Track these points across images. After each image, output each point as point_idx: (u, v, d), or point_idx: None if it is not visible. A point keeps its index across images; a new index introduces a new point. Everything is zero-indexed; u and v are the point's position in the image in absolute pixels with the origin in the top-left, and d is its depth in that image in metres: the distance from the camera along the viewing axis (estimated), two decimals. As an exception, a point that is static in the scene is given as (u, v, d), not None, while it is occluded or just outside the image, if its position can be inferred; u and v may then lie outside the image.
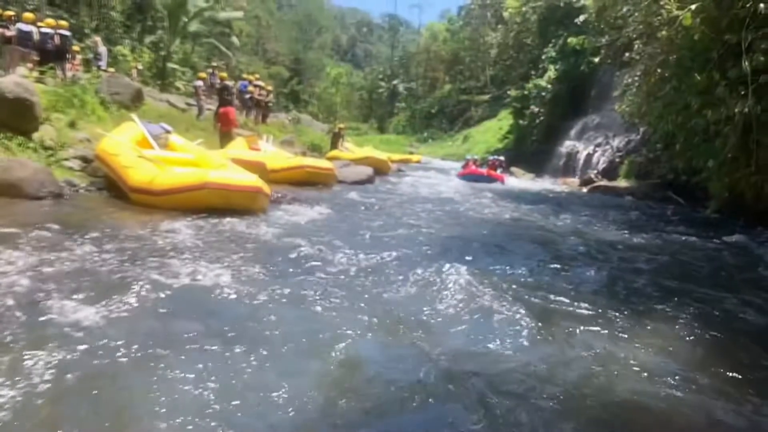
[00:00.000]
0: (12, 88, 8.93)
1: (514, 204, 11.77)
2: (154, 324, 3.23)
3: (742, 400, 2.87)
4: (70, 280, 3.76)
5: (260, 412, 2.44)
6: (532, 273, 5.30)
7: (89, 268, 4.10)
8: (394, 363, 3.08)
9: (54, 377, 2.49)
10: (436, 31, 68.45)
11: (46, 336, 2.87)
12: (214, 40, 41.00)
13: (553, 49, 27.83)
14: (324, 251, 5.41)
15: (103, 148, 7.90)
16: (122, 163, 7.26)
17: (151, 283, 3.84)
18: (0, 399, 2.27)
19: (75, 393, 2.43)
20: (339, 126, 21.82)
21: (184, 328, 3.19)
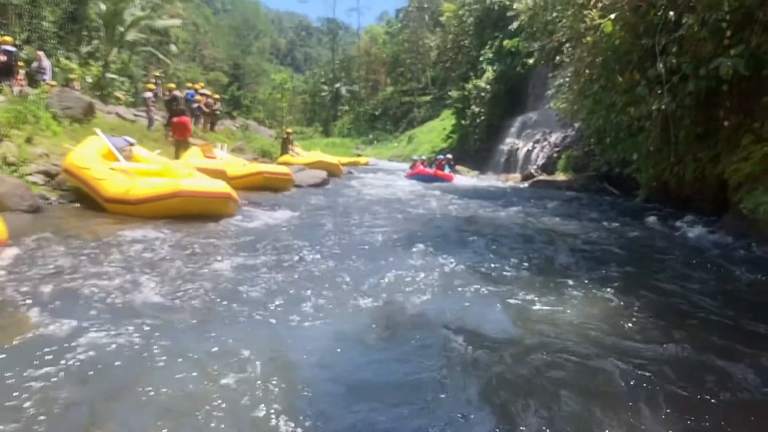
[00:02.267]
0: (-29, 106, 9.06)
1: (462, 200, 12.55)
2: (168, 304, 3.73)
3: (641, 343, 3.62)
4: (91, 278, 4.20)
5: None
6: (481, 255, 6.02)
7: (94, 269, 4.53)
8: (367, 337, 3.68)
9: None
10: (375, 33, 69.46)
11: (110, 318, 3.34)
12: (151, 48, 40.50)
13: (490, 50, 28.98)
14: (296, 247, 6.02)
15: (72, 162, 8.16)
16: (94, 176, 7.58)
17: (160, 275, 4.33)
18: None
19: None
20: (287, 131, 22.18)
21: (191, 309, 3.71)
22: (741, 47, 7.41)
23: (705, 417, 2.65)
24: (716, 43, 7.99)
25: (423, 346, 3.37)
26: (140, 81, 39.77)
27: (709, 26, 7.95)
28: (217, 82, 59.19)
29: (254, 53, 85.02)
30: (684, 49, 8.68)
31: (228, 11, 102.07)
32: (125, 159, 8.98)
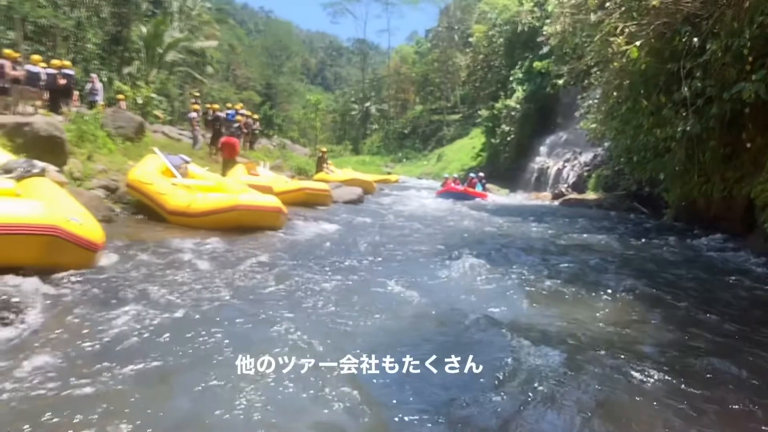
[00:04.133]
0: (45, 127, 9.94)
1: (494, 217, 13.03)
2: (244, 293, 4.33)
3: (660, 347, 4.08)
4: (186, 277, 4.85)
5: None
6: (513, 266, 6.50)
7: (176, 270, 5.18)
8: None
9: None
10: (405, 53, 70.49)
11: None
12: (188, 68, 41.93)
13: (520, 70, 29.46)
14: (344, 256, 6.63)
15: (135, 178, 8.93)
16: (157, 191, 8.32)
17: (232, 278, 4.96)
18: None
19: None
20: (323, 150, 22.96)
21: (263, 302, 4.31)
22: (762, 72, 7.82)
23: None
24: (739, 68, 8.41)
25: (466, 341, 3.88)
26: (177, 100, 41.19)
27: (732, 52, 8.38)
28: (249, 102, 60.74)
29: (286, 73, 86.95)
30: (708, 74, 9.11)
31: (261, 32, 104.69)
32: (181, 176, 9.72)
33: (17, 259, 4.04)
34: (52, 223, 4.17)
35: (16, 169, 5.81)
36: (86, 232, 4.52)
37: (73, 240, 4.32)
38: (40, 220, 4.12)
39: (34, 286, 3.82)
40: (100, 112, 14.93)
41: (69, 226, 4.31)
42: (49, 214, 4.26)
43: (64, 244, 4.25)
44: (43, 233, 4.09)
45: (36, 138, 9.49)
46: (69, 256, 4.39)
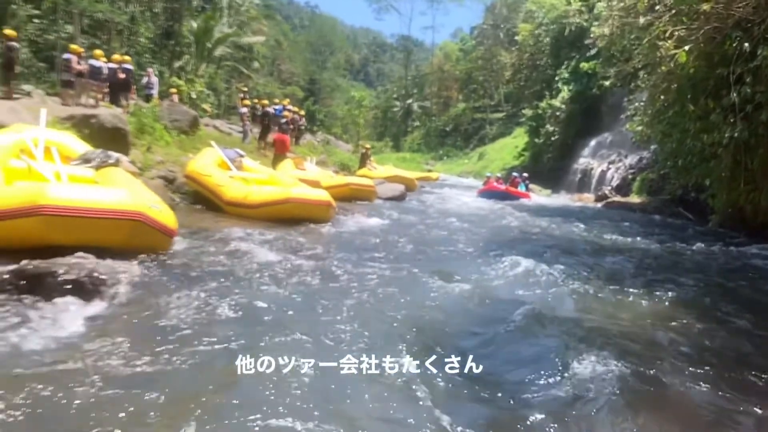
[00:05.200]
0: (110, 119, 10.57)
1: (535, 217, 13.13)
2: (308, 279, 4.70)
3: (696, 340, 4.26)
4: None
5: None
6: (559, 267, 6.67)
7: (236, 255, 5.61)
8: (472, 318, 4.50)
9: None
10: (449, 50, 70.24)
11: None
12: (235, 63, 42.85)
13: (566, 70, 29.25)
14: (391, 248, 7.00)
15: (194, 170, 9.46)
16: (216, 182, 8.82)
17: (295, 262, 5.36)
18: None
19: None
20: (366, 146, 23.33)
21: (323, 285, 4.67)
22: (814, 80, 7.81)
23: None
24: (791, 75, 8.40)
25: (517, 328, 4.17)
26: (223, 94, 42.16)
27: (785, 58, 8.38)
28: (293, 97, 61.69)
29: (329, 69, 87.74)
30: (759, 79, 9.09)
31: (305, 27, 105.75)
32: (236, 169, 10.21)
33: (106, 241, 4.50)
34: (137, 209, 4.63)
35: (94, 159, 6.33)
36: (164, 219, 4.98)
37: (154, 225, 4.78)
38: (127, 206, 4.58)
39: (119, 267, 4.24)
40: (157, 105, 15.62)
41: (151, 213, 4.76)
42: (134, 201, 4.72)
43: (146, 228, 4.71)
44: (129, 218, 4.55)
45: (102, 129, 10.09)
46: (149, 240, 4.86)
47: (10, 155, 5.87)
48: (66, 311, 3.54)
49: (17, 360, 2.93)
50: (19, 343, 3.13)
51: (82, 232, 4.33)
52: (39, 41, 30.50)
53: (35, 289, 3.56)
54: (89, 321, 3.53)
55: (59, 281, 3.61)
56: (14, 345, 3.10)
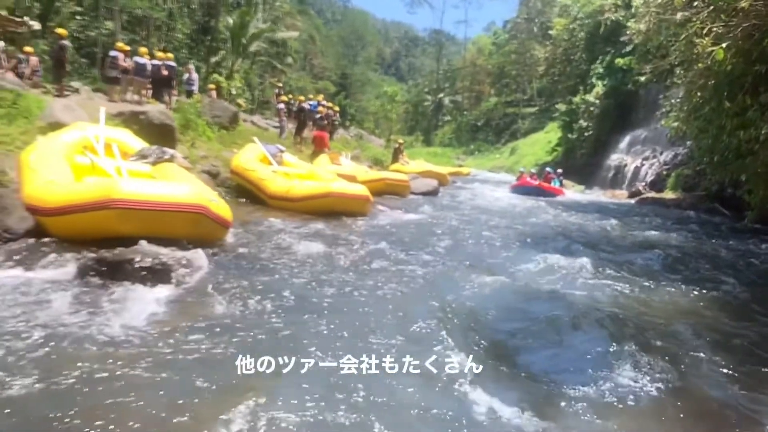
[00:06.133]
0: (158, 115, 11.04)
1: (568, 213, 13.24)
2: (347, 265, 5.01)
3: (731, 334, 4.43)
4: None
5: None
6: (594, 263, 6.81)
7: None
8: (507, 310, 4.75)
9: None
10: (481, 44, 69.92)
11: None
12: (269, 58, 43.43)
13: (601, 65, 28.97)
14: (427, 241, 7.30)
15: (238, 164, 9.87)
16: (260, 177, 9.22)
17: (335, 253, 5.69)
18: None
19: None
20: (399, 141, 23.57)
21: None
22: None
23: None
24: (830, 73, 8.38)
25: (554, 317, 4.41)
26: (257, 89, 42.81)
27: (824, 56, 8.36)
28: (324, 91, 62.19)
29: (360, 63, 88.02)
30: (797, 77, 9.08)
31: (337, 21, 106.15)
32: (277, 164, 10.59)
33: (170, 232, 4.88)
34: (199, 203, 5.01)
35: (151, 155, 6.74)
36: (222, 211, 5.36)
37: (213, 217, 5.16)
38: (190, 199, 4.96)
39: (183, 256, 4.61)
40: (198, 101, 16.13)
41: (211, 206, 5.14)
42: (196, 194, 5.10)
43: (207, 220, 5.09)
44: (193, 211, 4.93)
45: (150, 125, 10.53)
46: (209, 232, 5.24)
47: (74, 152, 6.32)
48: (140, 295, 3.92)
49: (95, 338, 3.25)
50: (98, 323, 3.46)
51: (149, 224, 4.72)
52: (81, 37, 31.36)
53: (115, 274, 3.95)
54: (159, 304, 3.89)
55: (135, 268, 3.99)
56: (93, 324, 3.43)
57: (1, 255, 4.48)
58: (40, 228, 4.94)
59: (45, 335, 3.19)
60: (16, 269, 4.23)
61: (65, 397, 2.59)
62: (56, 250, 4.62)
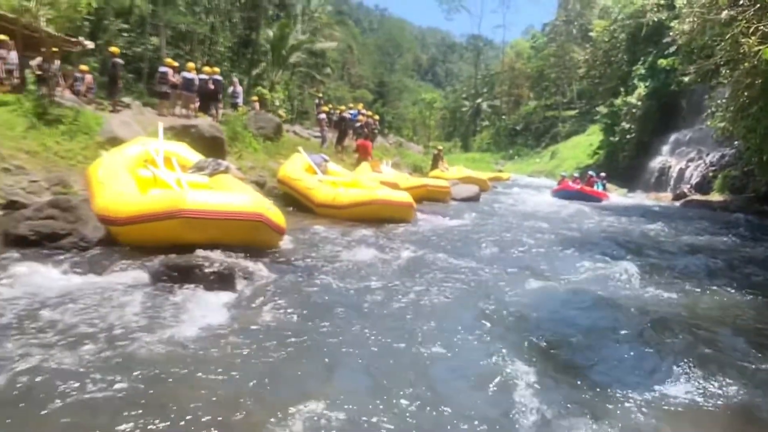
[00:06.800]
0: (208, 128, 11.49)
1: (612, 217, 13.12)
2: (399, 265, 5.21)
3: None
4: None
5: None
6: (642, 264, 6.84)
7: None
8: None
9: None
10: (520, 48, 69.44)
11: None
12: (308, 69, 44.14)
13: (643, 66, 28.54)
14: (472, 246, 7.48)
15: (285, 174, 10.23)
16: (306, 186, 9.54)
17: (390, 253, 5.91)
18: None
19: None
20: (439, 148, 23.74)
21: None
22: None
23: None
24: None
25: (599, 319, 4.52)
26: (296, 99, 43.55)
27: None
28: (362, 99, 62.76)
29: (397, 70, 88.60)
30: None
31: (374, 30, 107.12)
32: (322, 173, 10.91)
33: (232, 239, 5.18)
34: (258, 211, 5.32)
35: (207, 167, 7.10)
36: (277, 218, 5.65)
37: (271, 225, 5.46)
38: (250, 208, 5.27)
39: (243, 261, 4.91)
40: (244, 113, 16.64)
41: (269, 214, 5.44)
42: (255, 203, 5.41)
43: (265, 228, 5.39)
44: (253, 219, 5.24)
45: (201, 138, 10.96)
46: (266, 238, 5.55)
47: (137, 165, 6.73)
48: (207, 299, 4.19)
49: (165, 339, 3.46)
50: (168, 325, 3.71)
51: (213, 232, 5.04)
52: (128, 53, 32.56)
53: (185, 279, 4.25)
54: (225, 308, 4.12)
55: (203, 273, 4.28)
56: (164, 326, 3.69)
57: (79, 262, 4.86)
58: (112, 237, 5.33)
59: (118, 335, 3.44)
60: (93, 275, 4.58)
61: (133, 394, 2.74)
62: (127, 257, 4.98)
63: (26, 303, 3.91)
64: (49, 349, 3.16)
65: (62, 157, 9.61)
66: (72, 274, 4.56)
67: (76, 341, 3.30)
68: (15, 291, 4.13)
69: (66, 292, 4.18)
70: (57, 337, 3.36)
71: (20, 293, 4.09)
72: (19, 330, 3.43)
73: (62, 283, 4.37)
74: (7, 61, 13.59)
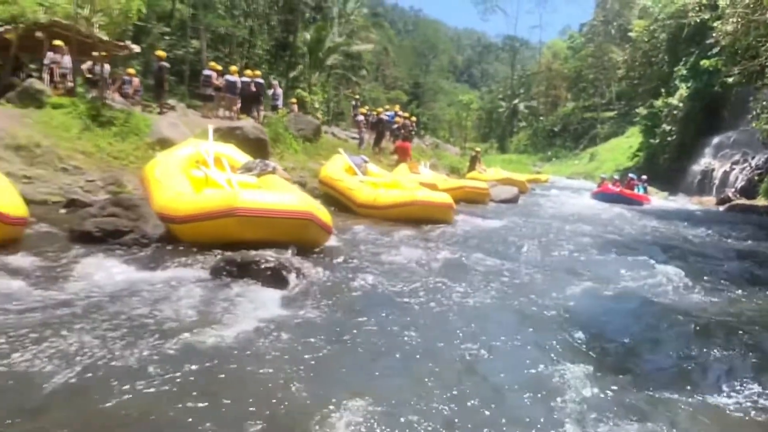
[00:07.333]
0: (252, 130, 11.84)
1: (655, 221, 12.93)
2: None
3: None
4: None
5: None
6: (686, 269, 6.71)
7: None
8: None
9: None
10: (557, 49, 68.67)
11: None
12: (344, 71, 44.55)
13: (684, 67, 27.99)
14: (513, 246, 7.60)
15: (327, 175, 10.48)
16: (348, 186, 9.76)
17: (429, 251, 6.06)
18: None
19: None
20: (476, 149, 23.76)
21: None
22: None
23: None
24: None
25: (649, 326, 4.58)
26: (332, 101, 44.00)
27: None
28: (397, 100, 62.87)
29: (433, 71, 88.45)
30: None
31: (409, 32, 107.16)
32: (362, 174, 11.11)
33: (283, 237, 5.40)
34: (308, 210, 5.55)
35: (255, 168, 7.37)
36: (326, 217, 5.86)
37: (319, 223, 5.68)
38: (300, 207, 5.50)
39: (294, 259, 5.11)
40: (284, 115, 17.00)
41: (317, 212, 5.66)
42: (305, 202, 5.64)
43: (314, 226, 5.61)
44: (303, 218, 5.46)
45: (245, 140, 11.31)
46: (315, 237, 5.77)
47: (189, 166, 7.04)
48: (262, 294, 4.39)
49: (223, 333, 3.59)
50: (224, 319, 3.88)
51: (265, 230, 5.28)
52: (169, 56, 33.44)
53: (241, 274, 4.49)
54: (278, 304, 4.29)
55: (258, 269, 4.50)
56: (219, 320, 3.85)
57: (141, 257, 5.16)
58: (170, 234, 5.62)
59: (176, 328, 3.59)
60: (154, 270, 4.85)
61: (186, 388, 2.83)
62: (185, 253, 5.25)
63: (93, 296, 4.14)
64: (112, 341, 3.31)
65: (115, 158, 10.08)
66: (135, 269, 4.82)
67: (137, 333, 3.47)
68: (82, 284, 4.38)
69: (129, 285, 4.43)
70: (119, 329, 3.52)
71: (87, 286, 4.34)
72: (85, 321, 3.61)
73: (125, 277, 4.63)
74: (61, 65, 14.21)
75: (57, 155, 9.10)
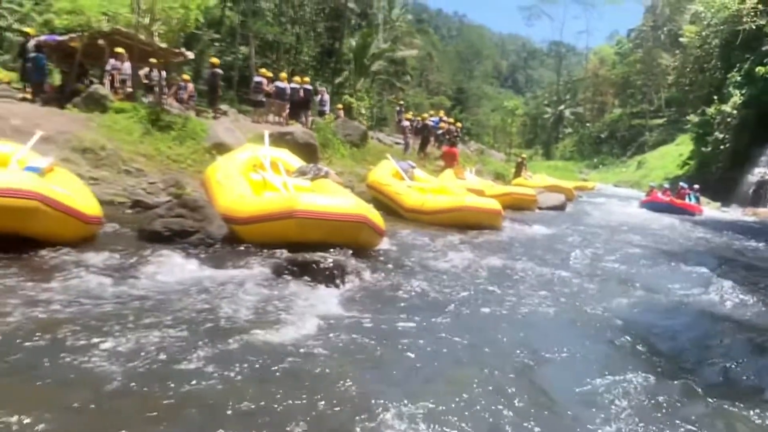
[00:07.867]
0: (302, 135, 12.14)
1: (709, 232, 12.64)
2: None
3: None
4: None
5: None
6: (744, 283, 6.62)
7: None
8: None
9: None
10: (604, 54, 67.44)
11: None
12: (388, 76, 44.86)
13: (738, 74, 27.19)
14: (561, 254, 7.64)
15: (374, 180, 10.68)
16: (396, 191, 9.95)
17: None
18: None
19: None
20: (522, 156, 23.63)
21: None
22: None
23: None
24: None
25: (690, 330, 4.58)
26: (375, 106, 44.33)
27: None
28: (440, 106, 62.79)
29: (477, 77, 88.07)
30: None
31: (453, 37, 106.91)
32: (409, 179, 11.27)
33: (339, 239, 5.60)
34: (363, 213, 5.75)
35: (309, 172, 7.61)
36: (379, 221, 6.05)
37: (373, 226, 5.87)
38: (356, 210, 5.71)
39: (351, 260, 5.30)
40: (332, 121, 17.31)
41: (371, 215, 5.85)
42: (360, 206, 5.85)
43: (368, 229, 5.81)
44: (358, 221, 5.66)
45: (296, 144, 11.57)
46: (369, 239, 5.97)
47: (248, 170, 7.33)
48: (322, 293, 4.58)
49: (276, 331, 3.70)
50: (283, 318, 4.01)
51: (323, 232, 5.50)
52: (220, 62, 34.32)
53: (302, 273, 4.70)
54: (336, 303, 4.46)
55: (318, 269, 4.71)
56: (278, 319, 3.99)
57: (207, 256, 5.44)
58: (233, 235, 5.90)
59: (238, 327, 3.71)
60: (220, 268, 5.10)
61: (242, 386, 2.90)
62: (248, 253, 5.52)
63: (163, 292, 4.36)
64: (177, 337, 3.44)
65: (174, 161, 10.50)
66: (201, 268, 5.08)
67: (202, 329, 3.63)
68: (152, 281, 4.63)
69: (196, 282, 4.67)
70: (185, 324, 3.66)
71: (157, 283, 4.59)
72: (154, 316, 3.79)
73: (192, 275, 4.88)
74: (121, 71, 14.88)
75: (120, 158, 9.55)
